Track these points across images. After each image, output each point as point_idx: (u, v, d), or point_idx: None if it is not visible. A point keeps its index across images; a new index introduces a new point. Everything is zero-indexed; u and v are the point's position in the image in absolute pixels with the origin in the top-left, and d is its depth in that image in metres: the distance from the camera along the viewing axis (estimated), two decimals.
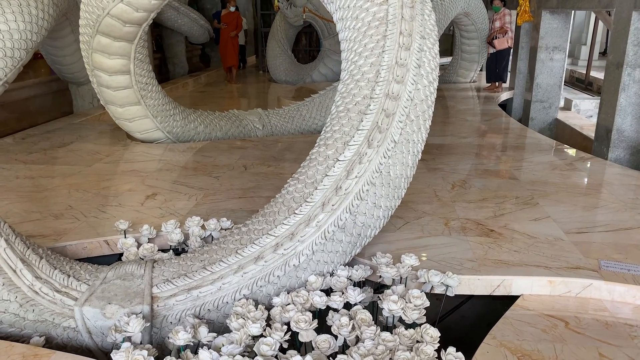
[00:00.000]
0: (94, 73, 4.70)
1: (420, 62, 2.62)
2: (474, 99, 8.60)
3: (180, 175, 4.27)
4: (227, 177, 4.21)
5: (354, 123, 2.54)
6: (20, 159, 4.73)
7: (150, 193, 3.83)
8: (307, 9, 10.12)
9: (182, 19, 10.76)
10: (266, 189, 3.93)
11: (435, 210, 3.49)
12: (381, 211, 2.57)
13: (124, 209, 3.52)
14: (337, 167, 2.47)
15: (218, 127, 5.75)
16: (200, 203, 3.64)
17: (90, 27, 4.33)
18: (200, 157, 4.81)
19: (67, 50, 6.44)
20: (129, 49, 4.53)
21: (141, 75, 4.80)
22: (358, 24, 2.75)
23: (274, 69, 10.84)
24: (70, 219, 3.33)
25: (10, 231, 2.43)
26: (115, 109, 4.99)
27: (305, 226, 2.41)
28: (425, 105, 2.65)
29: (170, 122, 5.27)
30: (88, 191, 3.86)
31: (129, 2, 4.03)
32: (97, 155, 4.87)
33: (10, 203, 3.61)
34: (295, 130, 6.26)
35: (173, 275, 2.43)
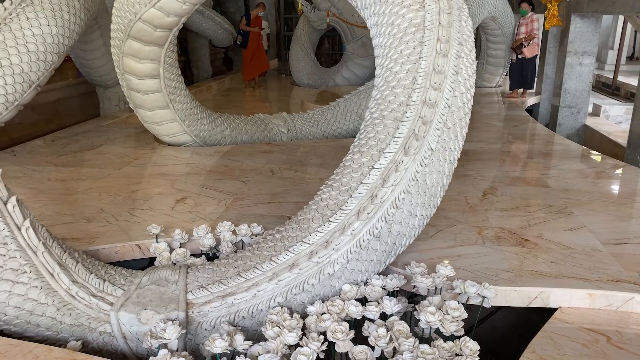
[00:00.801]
0: (124, 77, 4.75)
1: (458, 69, 2.58)
2: (500, 103, 8.49)
3: (208, 179, 4.28)
4: (255, 182, 4.21)
5: (389, 130, 2.51)
6: (51, 161, 4.80)
7: (179, 197, 3.84)
8: (331, 13, 10.11)
9: (206, 22, 10.85)
10: (294, 194, 3.92)
11: (468, 218, 3.44)
12: (417, 220, 2.54)
13: (154, 213, 3.53)
14: (373, 174, 2.44)
15: (244, 131, 5.77)
16: (230, 208, 3.64)
17: (122, 31, 4.37)
18: (227, 161, 4.83)
19: (95, 53, 6.53)
20: (159, 53, 4.57)
21: (170, 79, 4.83)
22: (394, 30, 2.72)
23: (296, 73, 10.85)
24: (102, 222, 3.36)
25: (47, 235, 2.45)
26: (144, 112, 5.03)
27: (340, 234, 2.39)
28: (462, 113, 2.61)
29: (197, 125, 5.30)
30: (118, 194, 3.90)
31: (160, 7, 4.07)
32: (126, 159, 4.92)
33: (42, 205, 3.66)
34: (320, 135, 6.25)
35: (207, 282, 2.42)
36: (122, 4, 4.22)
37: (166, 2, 4.03)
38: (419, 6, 2.65)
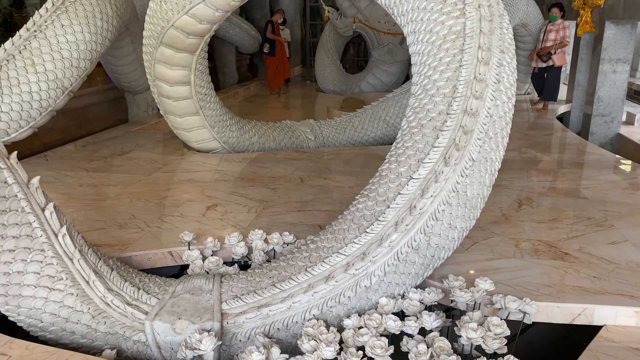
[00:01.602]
0: (156, 83, 4.78)
1: (500, 77, 2.52)
2: (529, 111, 8.34)
3: (238, 186, 4.27)
4: (284, 189, 4.18)
5: (428, 140, 2.45)
6: (82, 167, 4.84)
7: (210, 204, 3.83)
8: (357, 20, 10.09)
9: (233, 29, 10.92)
10: (325, 202, 3.88)
11: (504, 230, 3.35)
12: (456, 232, 2.47)
13: (185, 220, 3.53)
14: (411, 185, 2.39)
15: (271, 138, 5.75)
16: (261, 215, 3.62)
17: (154, 38, 4.40)
18: (256, 168, 4.81)
19: (125, 59, 6.60)
20: (191, 60, 4.58)
21: (201, 86, 4.84)
22: (432, 37, 2.67)
23: (322, 79, 10.84)
24: (134, 229, 3.36)
25: (83, 242, 2.45)
26: (174, 118, 5.05)
27: (377, 246, 2.33)
28: (503, 122, 2.54)
29: (226, 132, 5.30)
30: (150, 200, 3.90)
31: (193, 14, 4.08)
32: (156, 164, 4.94)
33: (75, 211, 3.68)
34: (347, 142, 6.21)
35: (242, 292, 2.39)
36: (154, 11, 4.25)
37: (199, 9, 4.04)
38: (459, 13, 2.59)
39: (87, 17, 4.80)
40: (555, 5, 8.10)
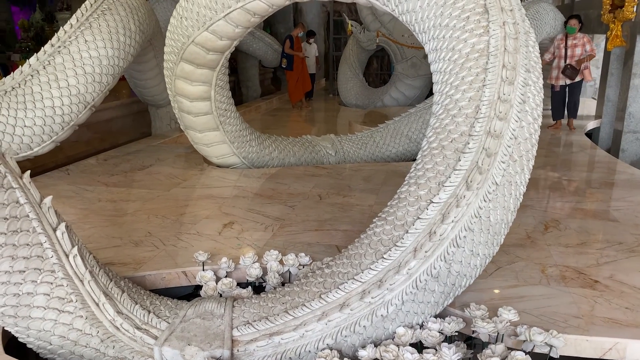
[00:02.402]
0: (176, 99, 4.78)
1: (525, 98, 2.41)
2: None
3: (256, 203, 4.21)
4: (302, 207, 4.10)
5: (449, 162, 2.35)
6: (102, 181, 4.86)
7: (227, 221, 3.78)
8: (381, 33, 10.04)
9: (257, 43, 10.98)
10: (343, 221, 3.79)
11: (530, 254, 3.20)
12: (478, 259, 2.36)
13: (201, 238, 3.48)
14: (431, 209, 2.29)
15: (291, 153, 5.70)
16: (277, 234, 3.55)
17: (175, 54, 4.40)
18: (274, 184, 4.75)
19: (149, 74, 6.65)
20: (211, 76, 4.57)
21: (221, 101, 4.83)
22: (454, 55, 2.58)
23: (344, 93, 10.79)
24: (149, 247, 3.32)
25: (94, 262, 2.42)
26: (194, 134, 5.04)
27: (394, 273, 2.24)
28: (529, 144, 2.43)
29: (246, 147, 5.27)
30: (167, 217, 3.87)
31: (213, 30, 4.07)
32: (175, 180, 4.93)
33: (92, 227, 3.67)
34: (369, 157, 6.12)
35: (254, 317, 2.32)
36: (175, 28, 4.26)
37: (219, 26, 4.03)
38: (482, 31, 2.50)
39: (110, 32, 4.84)
40: (574, 17, 7.53)
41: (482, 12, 2.54)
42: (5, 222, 2.15)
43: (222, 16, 3.93)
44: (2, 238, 2.15)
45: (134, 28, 5.13)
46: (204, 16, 4.00)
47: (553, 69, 7.66)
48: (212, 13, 3.95)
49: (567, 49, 7.40)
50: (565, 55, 7.41)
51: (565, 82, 7.54)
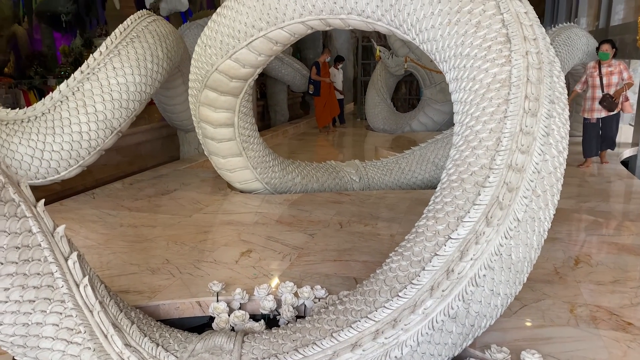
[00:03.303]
0: (200, 125, 4.82)
1: (549, 130, 2.31)
2: None
3: (275, 230, 4.16)
4: (322, 235, 4.03)
5: (469, 196, 2.26)
6: (126, 206, 4.90)
7: (245, 249, 3.74)
8: (409, 59, 10.00)
9: (285, 68, 11.10)
10: (363, 252, 3.70)
11: (557, 291, 3.04)
12: (499, 299, 2.23)
13: (218, 267, 3.44)
14: (449, 246, 2.19)
15: (314, 179, 5.66)
16: (294, 264, 3.48)
17: (199, 81, 4.45)
18: (296, 211, 4.70)
19: (177, 99, 6.76)
20: (234, 103, 4.60)
21: (244, 127, 4.84)
22: (475, 85, 2.50)
23: (372, 118, 10.76)
24: (165, 275, 3.30)
25: (105, 293, 2.39)
26: (217, 159, 5.06)
27: (410, 313, 2.13)
28: (553, 178, 2.31)
29: (269, 173, 5.26)
30: (186, 244, 3.86)
31: (236, 58, 4.10)
32: (198, 205, 4.93)
33: (112, 253, 3.68)
34: (394, 184, 6.03)
35: (263, 355, 2.24)
36: (200, 55, 4.31)
37: (242, 54, 4.06)
38: (504, 61, 2.42)
39: (138, 59, 4.93)
40: (606, 41, 6.85)
41: (504, 42, 2.47)
42: (17, 251, 2.15)
43: (244, 44, 3.96)
44: (13, 267, 2.15)
45: (162, 55, 5.22)
46: (227, 44, 4.03)
47: (587, 100, 6.92)
48: (235, 41, 3.99)
49: (602, 78, 6.72)
50: (601, 84, 6.70)
51: (601, 114, 6.79)
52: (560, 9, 15.22)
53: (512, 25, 2.52)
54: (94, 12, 16.92)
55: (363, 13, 3.24)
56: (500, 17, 2.56)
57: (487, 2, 2.63)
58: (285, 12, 3.58)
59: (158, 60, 5.16)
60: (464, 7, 2.68)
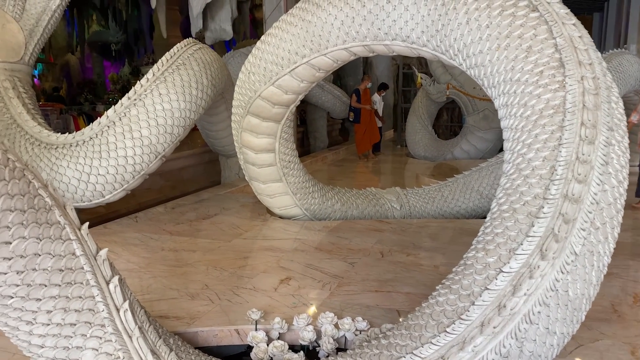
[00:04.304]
0: (242, 150, 4.85)
1: (608, 159, 2.18)
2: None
3: (314, 258, 4.09)
4: (362, 265, 3.94)
5: (522, 227, 2.14)
6: (168, 230, 4.94)
7: (284, 277, 3.68)
8: (451, 86, 9.91)
9: (325, 95, 11.17)
10: (405, 283, 3.57)
11: (616, 332, 2.84)
12: (555, 338, 2.09)
13: (257, 294, 3.39)
14: (501, 280, 2.07)
15: (354, 206, 5.58)
16: (334, 293, 3.39)
17: (242, 107, 4.49)
18: (335, 238, 4.63)
19: (220, 125, 6.87)
20: (276, 129, 4.61)
21: (285, 153, 4.84)
22: (527, 111, 2.40)
23: (413, 145, 10.65)
24: (204, 301, 3.27)
25: (145, 318, 2.37)
26: (258, 184, 5.07)
27: (458, 350, 2.01)
28: (613, 210, 2.17)
29: (308, 199, 5.22)
30: (225, 269, 3.83)
31: (279, 84, 4.12)
32: (238, 230, 4.93)
33: (152, 277, 3.68)
34: (436, 213, 5.88)
35: None
36: (243, 82, 4.36)
37: (285, 80, 4.08)
38: (557, 86, 2.32)
39: (183, 86, 5.03)
40: None
41: (557, 67, 2.37)
42: (61, 273, 2.16)
43: (287, 71, 3.98)
44: (56, 290, 2.15)
45: (207, 82, 5.31)
46: (270, 71, 4.07)
47: None
48: (278, 68, 4.01)
49: None
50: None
51: None
52: (609, 35, 14.84)
53: (565, 49, 2.42)
54: (142, 41, 17.63)
55: (408, 39, 3.20)
56: (553, 41, 2.47)
57: (539, 26, 2.55)
58: (329, 39, 3.59)
59: (203, 87, 5.25)
60: (514, 31, 2.60)
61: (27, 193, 2.08)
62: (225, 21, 9.24)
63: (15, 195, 2.00)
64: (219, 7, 9.11)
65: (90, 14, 17.57)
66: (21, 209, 2.03)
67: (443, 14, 2.96)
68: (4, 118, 5.14)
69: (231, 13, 9.24)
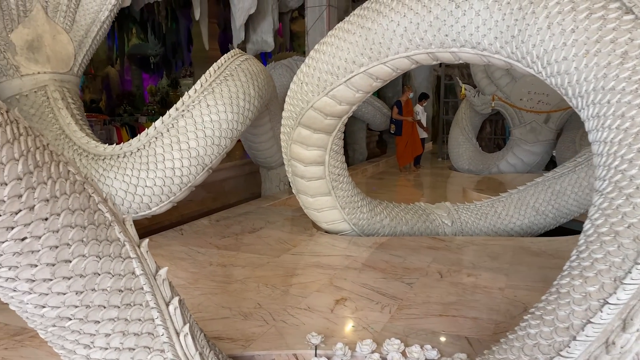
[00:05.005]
0: (291, 163, 4.70)
1: None
2: None
3: (369, 277, 3.89)
4: (421, 285, 3.71)
5: (628, 253, 1.90)
6: (214, 243, 4.82)
7: (339, 297, 3.49)
8: (497, 97, 9.59)
9: (365, 107, 10.99)
10: (470, 306, 3.33)
11: None
12: None
13: (312, 315, 3.20)
14: (607, 312, 1.82)
15: (404, 221, 5.36)
16: (395, 317, 3.18)
17: (293, 119, 4.35)
18: (387, 256, 4.41)
19: (263, 137, 6.77)
20: (327, 141, 4.45)
21: (335, 166, 4.67)
22: (625, 123, 2.16)
23: (456, 157, 10.35)
24: (259, 321, 3.10)
25: (205, 342, 2.22)
26: (306, 198, 4.91)
27: None
28: None
29: (357, 214, 5.03)
30: (276, 287, 3.67)
31: (333, 95, 3.96)
32: (285, 245, 4.77)
33: (202, 294, 3.55)
34: (489, 230, 5.60)
35: None
36: (295, 93, 4.22)
37: (339, 91, 3.92)
38: None
39: (231, 97, 4.93)
40: None
41: None
42: (120, 294, 2.02)
43: (343, 81, 3.82)
44: (115, 312, 2.02)
45: (254, 93, 5.20)
46: (324, 81, 3.91)
47: None
48: (333, 78, 3.86)
49: None
50: None
51: None
52: None
53: None
54: (180, 54, 17.87)
55: (478, 45, 3.00)
56: None
57: (635, 30, 2.31)
58: (390, 47, 3.41)
59: (250, 98, 5.14)
60: (606, 36, 2.37)
61: (87, 208, 1.95)
62: (267, 33, 9.19)
63: (75, 210, 1.88)
64: (261, 19, 9.07)
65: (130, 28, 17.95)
66: (81, 225, 1.90)
67: (520, 19, 2.75)
68: (53, 129, 5.14)
69: (273, 24, 9.19)
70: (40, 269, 1.80)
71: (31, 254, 1.76)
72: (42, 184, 1.73)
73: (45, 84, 5.23)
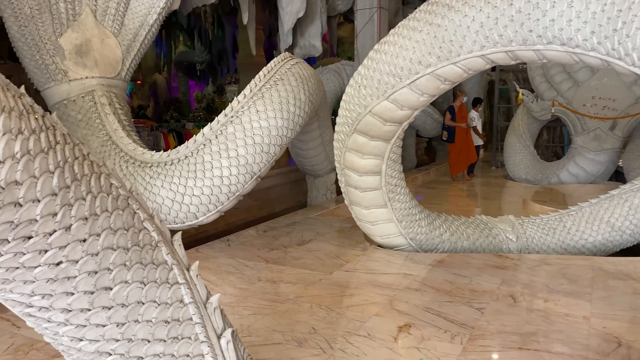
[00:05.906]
0: (344, 172, 4.40)
1: None
2: None
3: (433, 300, 3.53)
4: (493, 311, 3.32)
5: None
6: (262, 256, 4.56)
7: (402, 323, 3.14)
8: (557, 102, 9.03)
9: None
10: (554, 339, 2.92)
11: None
12: None
13: (374, 343, 2.87)
14: None
15: (464, 236, 4.96)
16: (468, 349, 2.81)
17: (348, 125, 4.05)
18: (451, 276, 4.03)
19: (311, 144, 6.51)
20: (384, 149, 4.12)
21: (392, 176, 4.34)
22: None
23: (512, 166, 9.80)
24: (315, 349, 2.80)
25: None
26: (359, 210, 4.59)
27: None
28: None
29: (415, 227, 4.66)
30: (332, 309, 3.36)
31: (394, 99, 3.64)
32: (337, 260, 4.46)
33: (252, 314, 3.27)
34: (557, 246, 5.13)
35: None
36: (351, 97, 3.92)
37: (401, 94, 3.59)
38: None
39: (281, 103, 4.68)
40: None
41: None
42: (167, 326, 1.76)
43: (407, 83, 3.49)
44: (160, 346, 1.75)
45: (304, 98, 4.94)
46: (385, 84, 3.59)
47: None
48: (395, 80, 3.53)
49: None
50: None
51: None
52: None
53: None
54: (226, 61, 17.96)
55: (570, 42, 2.61)
56: None
57: None
58: (462, 45, 3.06)
59: (300, 104, 4.88)
60: None
61: (131, 227, 1.70)
62: (315, 37, 8.96)
63: (118, 230, 1.63)
64: (309, 23, 8.84)
65: (177, 35, 18.18)
66: (124, 246, 1.65)
67: (625, 9, 2.36)
68: (100, 135, 5.02)
69: (321, 28, 8.95)
70: (77, 298, 1.56)
71: (67, 281, 1.52)
72: (80, 200, 1.49)
73: (93, 88, 5.13)
